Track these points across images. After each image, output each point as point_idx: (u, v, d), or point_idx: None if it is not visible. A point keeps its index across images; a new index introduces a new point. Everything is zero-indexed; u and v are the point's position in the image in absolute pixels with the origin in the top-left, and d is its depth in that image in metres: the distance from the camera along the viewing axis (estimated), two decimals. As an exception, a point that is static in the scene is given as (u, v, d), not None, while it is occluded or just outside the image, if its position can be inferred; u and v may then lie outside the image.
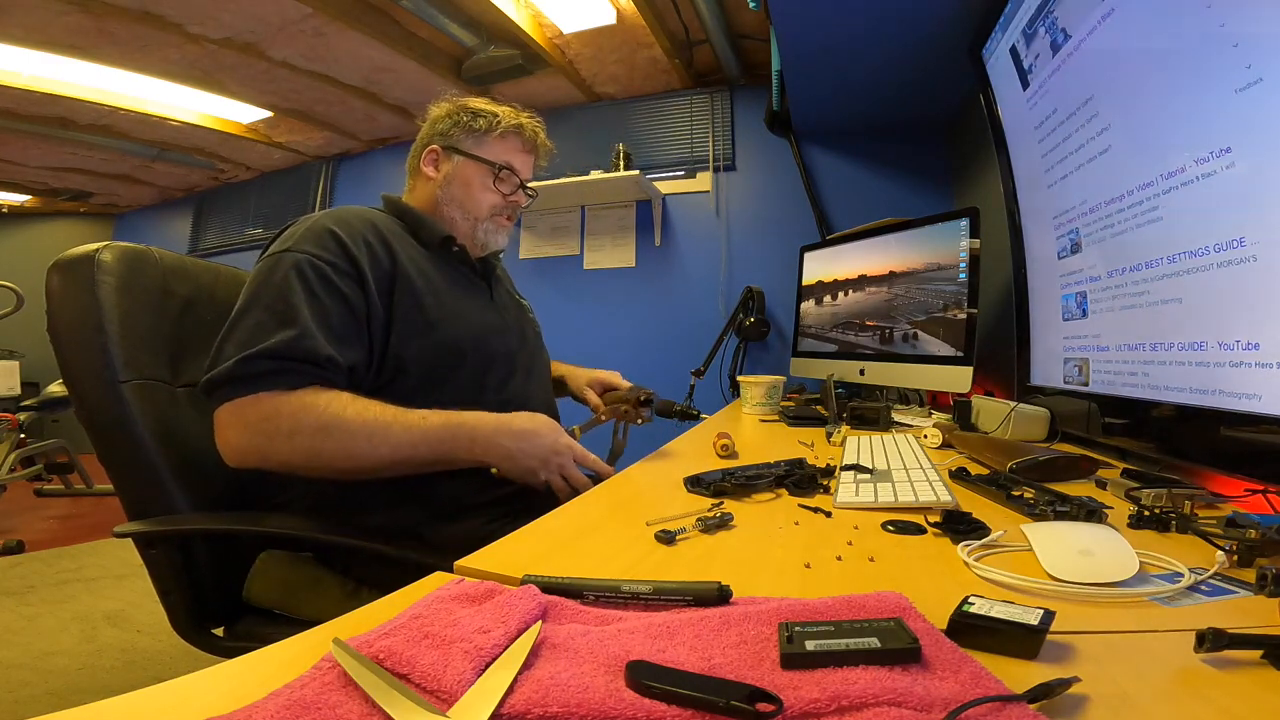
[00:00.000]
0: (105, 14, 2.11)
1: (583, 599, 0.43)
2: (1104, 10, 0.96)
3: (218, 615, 0.82)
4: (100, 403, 0.77)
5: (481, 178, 1.01)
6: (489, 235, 1.03)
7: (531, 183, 1.08)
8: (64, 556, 2.38)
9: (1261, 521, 0.56)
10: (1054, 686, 0.30)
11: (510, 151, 1.03)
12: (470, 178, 1.01)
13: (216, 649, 0.78)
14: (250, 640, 0.78)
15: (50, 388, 3.20)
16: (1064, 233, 1.15)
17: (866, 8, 1.54)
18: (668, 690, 0.30)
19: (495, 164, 1.01)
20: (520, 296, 1.20)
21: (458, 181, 1.00)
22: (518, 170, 1.04)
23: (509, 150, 1.03)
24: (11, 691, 1.43)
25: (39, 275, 0.83)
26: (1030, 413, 1.14)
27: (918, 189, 2.33)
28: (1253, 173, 0.70)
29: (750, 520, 0.65)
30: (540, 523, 0.64)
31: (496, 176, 1.01)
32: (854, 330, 1.81)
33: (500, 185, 1.02)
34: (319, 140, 3.29)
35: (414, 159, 1.05)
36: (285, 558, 0.83)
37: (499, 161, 1.01)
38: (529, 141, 1.05)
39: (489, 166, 1.01)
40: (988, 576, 0.48)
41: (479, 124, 1.00)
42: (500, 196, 1.02)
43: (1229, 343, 0.74)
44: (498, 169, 1.01)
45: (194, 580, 0.79)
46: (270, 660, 0.36)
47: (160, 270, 0.90)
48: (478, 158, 1.00)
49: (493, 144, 1.02)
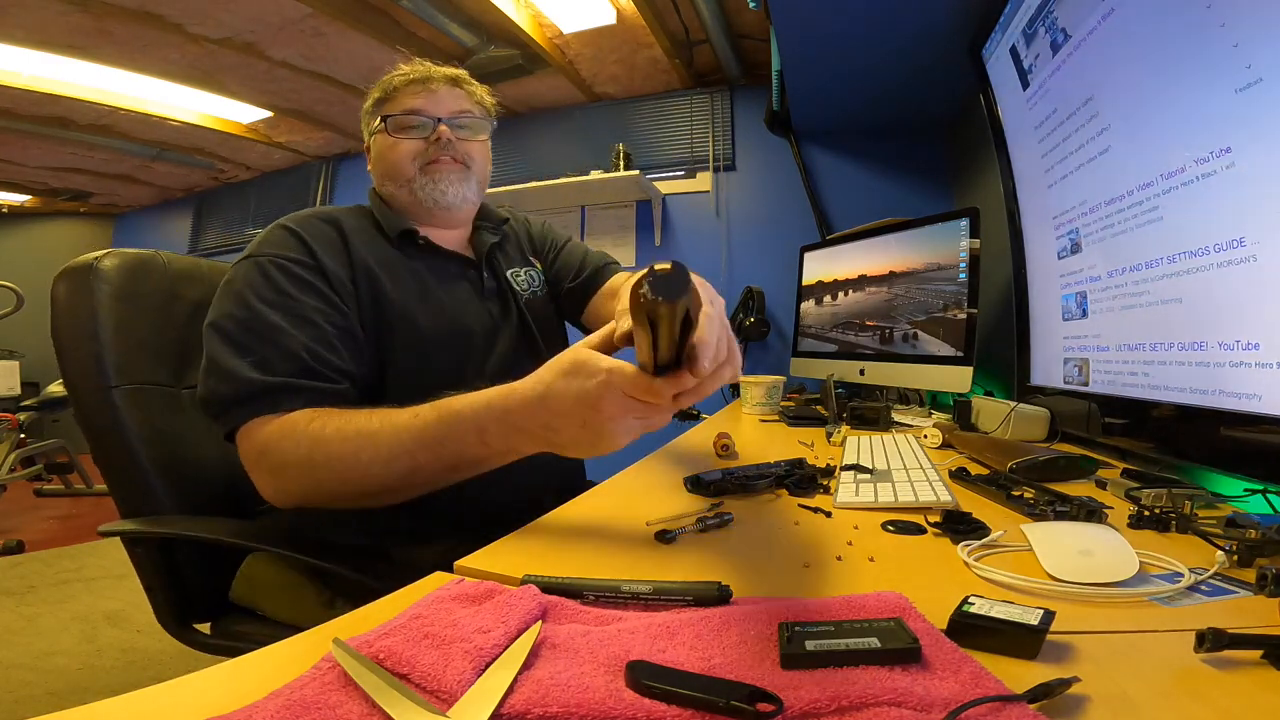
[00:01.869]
0: (105, 14, 2.11)
1: (583, 599, 0.43)
2: (1104, 10, 0.96)
3: (202, 612, 0.84)
4: (93, 407, 0.81)
5: (386, 139, 0.93)
6: (429, 190, 0.91)
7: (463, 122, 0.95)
8: (64, 556, 2.38)
9: (1261, 521, 0.56)
10: (1054, 686, 0.30)
11: (403, 99, 0.92)
12: (380, 147, 0.94)
13: (200, 645, 0.81)
14: (234, 638, 0.81)
15: (50, 388, 3.20)
16: (1064, 233, 1.15)
17: (866, 8, 1.54)
18: (668, 690, 0.30)
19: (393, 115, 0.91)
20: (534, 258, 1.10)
21: (377, 158, 0.95)
22: (418, 109, 0.92)
23: (401, 100, 0.93)
24: (11, 691, 1.43)
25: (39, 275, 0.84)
26: (1030, 413, 1.14)
27: (918, 189, 2.33)
28: (1253, 173, 0.70)
29: (750, 520, 0.65)
30: (540, 523, 0.64)
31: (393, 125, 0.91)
32: (854, 330, 1.81)
33: (404, 133, 0.92)
34: (319, 140, 3.29)
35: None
36: (270, 561, 0.82)
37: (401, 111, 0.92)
38: (416, 81, 0.93)
39: (382, 124, 0.92)
40: (988, 576, 0.48)
41: (373, 100, 0.95)
42: (418, 143, 0.92)
43: (1229, 343, 0.74)
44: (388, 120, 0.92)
45: (177, 578, 0.81)
46: (270, 660, 0.36)
47: (168, 276, 0.93)
48: (376, 127, 0.93)
49: (384, 108, 0.93)
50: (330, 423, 0.65)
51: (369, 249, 0.85)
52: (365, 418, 0.65)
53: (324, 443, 0.64)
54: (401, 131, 0.92)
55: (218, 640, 0.81)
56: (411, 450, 0.62)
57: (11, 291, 2.98)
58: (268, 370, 0.68)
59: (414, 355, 0.82)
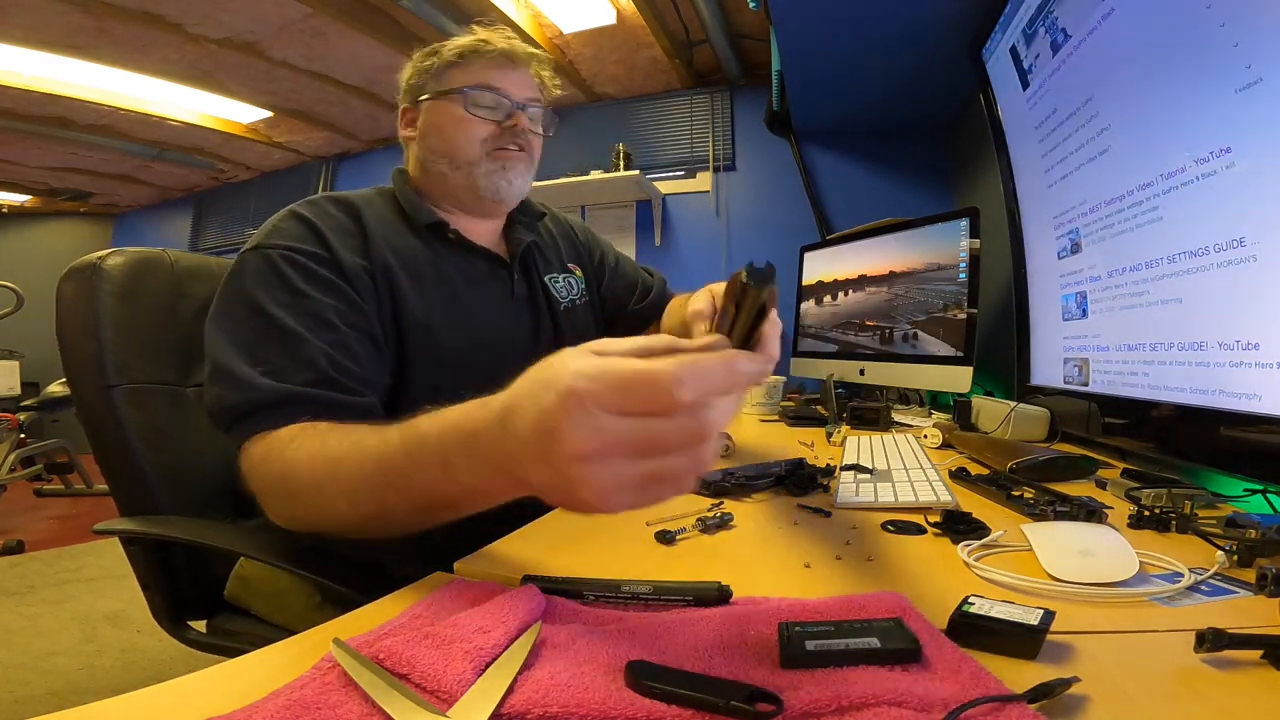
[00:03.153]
0: (105, 14, 2.11)
1: (583, 599, 0.43)
2: (1104, 10, 0.96)
3: (198, 609, 0.84)
4: (94, 406, 0.81)
5: (454, 111, 0.83)
6: (493, 178, 0.84)
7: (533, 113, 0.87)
8: (64, 556, 2.38)
9: (1261, 521, 0.56)
10: (1054, 686, 0.30)
11: (481, 71, 0.83)
12: (443, 118, 0.83)
13: (194, 643, 0.81)
14: (227, 637, 0.81)
15: (50, 388, 3.20)
16: (1064, 233, 1.15)
17: (867, 8, 1.54)
18: (668, 690, 0.30)
19: (471, 89, 0.82)
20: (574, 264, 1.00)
21: (433, 129, 0.84)
22: (500, 88, 0.84)
23: (479, 71, 0.84)
24: (11, 691, 1.43)
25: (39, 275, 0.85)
26: (1030, 413, 1.14)
27: (918, 189, 2.33)
28: (1253, 173, 0.70)
29: (750, 520, 0.65)
30: (540, 523, 0.64)
31: (470, 100, 0.82)
32: (854, 330, 1.81)
33: (480, 111, 0.83)
34: (319, 140, 3.29)
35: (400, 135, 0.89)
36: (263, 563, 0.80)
37: (476, 84, 0.83)
38: (501, 54, 0.84)
39: (457, 95, 0.82)
40: (988, 576, 0.48)
41: (434, 61, 0.84)
42: (491, 125, 0.83)
43: (1229, 343, 0.74)
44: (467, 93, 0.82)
45: (172, 576, 0.82)
46: (270, 660, 0.36)
47: (174, 274, 0.93)
48: (442, 91, 0.83)
49: (455, 74, 0.83)
50: (307, 445, 0.55)
51: (390, 242, 0.77)
52: (338, 439, 0.53)
53: (294, 471, 0.54)
54: (479, 109, 0.83)
55: (211, 639, 0.82)
56: (378, 487, 0.48)
57: (11, 291, 2.98)
58: (282, 378, 0.60)
59: (431, 371, 0.75)
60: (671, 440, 0.32)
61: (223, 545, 0.78)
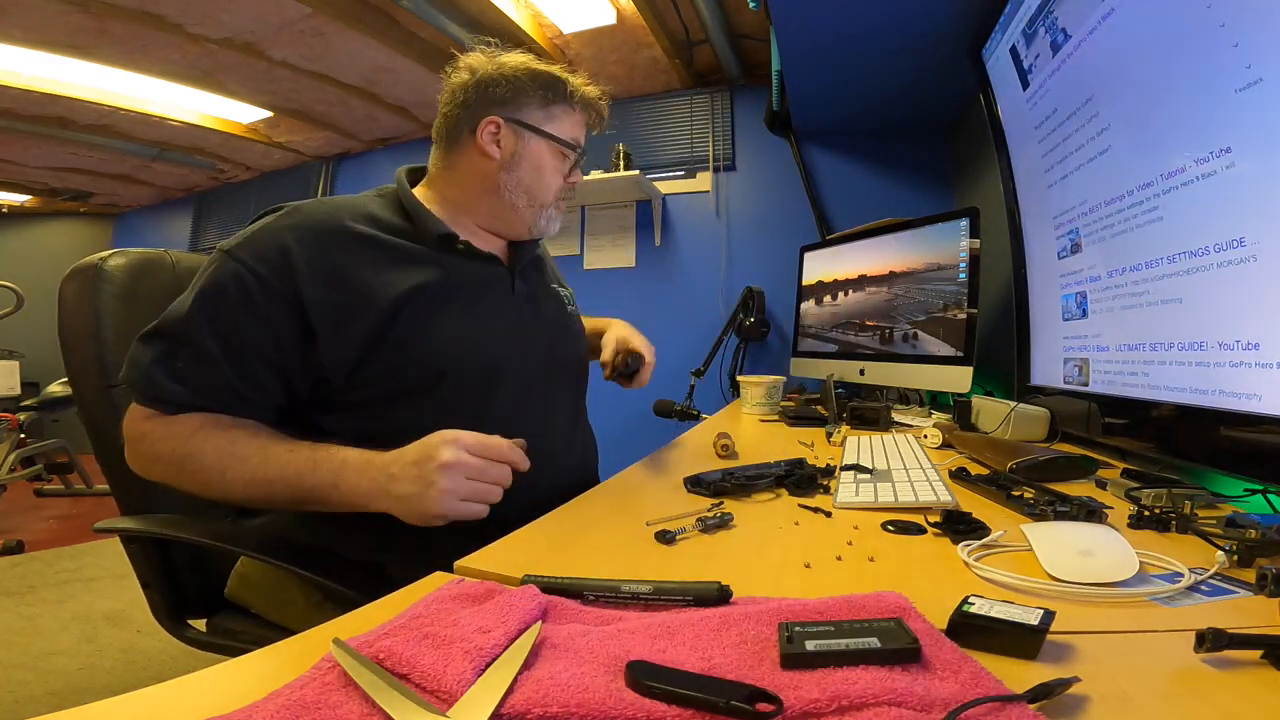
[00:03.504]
0: (105, 14, 2.11)
1: (583, 599, 0.43)
2: (1104, 10, 0.96)
3: (198, 608, 0.85)
4: (94, 406, 0.83)
5: (555, 160, 0.86)
6: (550, 223, 0.89)
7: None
8: (64, 556, 2.38)
9: (1261, 521, 0.56)
10: (1054, 686, 0.30)
11: (578, 127, 0.89)
12: (543, 159, 0.85)
13: (194, 641, 0.82)
14: (227, 635, 0.81)
15: (50, 388, 3.20)
16: (1064, 233, 1.15)
17: (866, 8, 1.54)
18: (668, 690, 0.30)
19: (574, 146, 0.87)
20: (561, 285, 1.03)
21: (528, 164, 0.84)
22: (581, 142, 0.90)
23: (577, 125, 0.88)
24: (11, 691, 1.43)
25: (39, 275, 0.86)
26: (1030, 413, 1.14)
27: (918, 189, 2.33)
28: (1252, 173, 0.70)
29: (750, 520, 0.65)
30: (540, 523, 0.64)
31: (570, 159, 0.87)
32: (854, 330, 1.81)
33: (568, 159, 0.88)
34: (319, 140, 3.29)
35: (454, 129, 0.84)
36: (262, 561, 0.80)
37: (574, 141, 0.87)
38: (596, 118, 0.91)
39: (566, 149, 0.86)
40: (988, 576, 0.48)
41: (549, 94, 0.84)
42: (564, 180, 0.89)
43: (1229, 343, 0.74)
44: (578, 153, 0.88)
45: (172, 575, 0.82)
46: (270, 660, 0.36)
47: (175, 275, 0.94)
48: (553, 137, 0.85)
49: (562, 118, 0.86)
50: (211, 440, 0.66)
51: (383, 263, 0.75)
52: (245, 442, 0.66)
53: (198, 456, 0.66)
54: (567, 156, 0.88)
55: (211, 638, 0.82)
56: (272, 481, 0.65)
57: (11, 291, 2.98)
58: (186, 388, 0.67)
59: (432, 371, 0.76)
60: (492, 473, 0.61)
61: (223, 544, 0.78)
